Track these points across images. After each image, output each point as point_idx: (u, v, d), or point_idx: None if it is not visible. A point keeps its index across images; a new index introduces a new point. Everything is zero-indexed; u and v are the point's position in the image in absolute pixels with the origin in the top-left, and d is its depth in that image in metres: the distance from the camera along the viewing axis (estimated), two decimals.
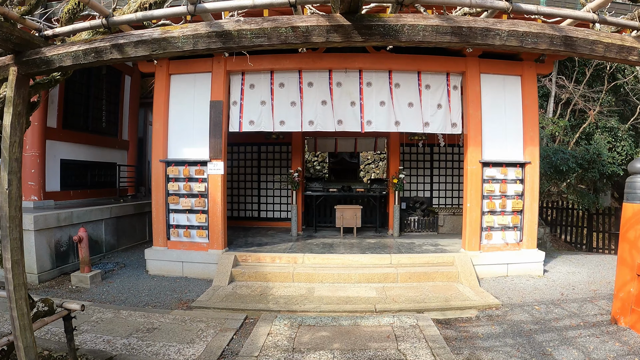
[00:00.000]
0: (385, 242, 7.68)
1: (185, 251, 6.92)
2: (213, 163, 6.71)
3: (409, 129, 6.70)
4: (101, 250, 8.19)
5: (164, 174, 6.99)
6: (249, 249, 7.09)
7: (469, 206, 6.63)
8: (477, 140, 6.67)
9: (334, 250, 7.00)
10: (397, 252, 6.80)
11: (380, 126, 6.64)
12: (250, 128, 6.78)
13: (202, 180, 6.83)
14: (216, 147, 6.66)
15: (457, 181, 9.85)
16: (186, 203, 6.88)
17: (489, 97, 6.87)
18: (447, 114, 6.83)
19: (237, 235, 8.55)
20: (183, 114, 7.01)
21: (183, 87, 7.05)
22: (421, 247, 7.27)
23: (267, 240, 7.95)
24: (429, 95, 6.80)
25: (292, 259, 6.39)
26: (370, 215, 9.60)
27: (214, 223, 6.75)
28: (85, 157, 9.65)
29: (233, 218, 10.06)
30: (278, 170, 9.83)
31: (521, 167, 6.90)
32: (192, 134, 6.97)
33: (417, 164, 9.86)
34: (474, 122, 6.69)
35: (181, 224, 7.01)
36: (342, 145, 9.88)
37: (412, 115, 6.72)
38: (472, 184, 6.64)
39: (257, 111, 6.76)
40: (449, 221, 8.78)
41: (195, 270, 6.78)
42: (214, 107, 6.73)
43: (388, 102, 6.70)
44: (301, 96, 6.64)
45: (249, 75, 6.93)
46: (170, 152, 7.07)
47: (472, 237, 6.68)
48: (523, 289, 6.25)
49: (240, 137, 9.89)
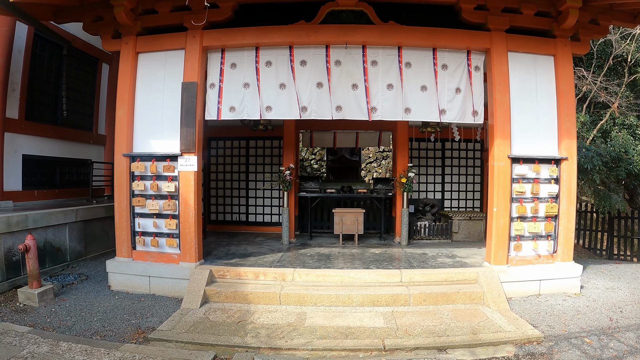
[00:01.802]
0: (392, 253, 6.44)
1: (152, 264, 5.71)
2: (185, 158, 5.47)
3: (422, 118, 5.47)
4: (64, 259, 6.99)
5: (127, 171, 5.81)
6: (229, 261, 5.85)
7: (496, 211, 5.40)
8: (505, 132, 5.45)
9: (331, 263, 5.75)
10: (407, 267, 5.56)
11: (387, 114, 5.41)
12: (231, 115, 5.55)
13: (172, 178, 5.61)
14: (188, 138, 5.43)
15: (473, 181, 8.63)
16: (153, 206, 5.65)
17: (517, 80, 5.68)
18: (467, 100, 5.61)
19: (220, 242, 7.31)
20: (152, 100, 5.82)
21: (152, 67, 5.86)
22: (435, 259, 6.02)
23: (253, 249, 6.71)
24: (446, 77, 5.58)
25: (279, 275, 5.15)
26: (373, 220, 8.37)
27: (185, 230, 5.51)
28: (53, 153, 8.42)
29: (218, 222, 8.84)
30: (269, 168, 8.60)
31: (556, 164, 5.70)
32: (161, 124, 5.78)
33: (427, 162, 8.64)
34: (502, 110, 5.47)
35: (148, 231, 5.80)
36: (342, 140, 8.64)
37: (425, 101, 5.50)
38: (499, 184, 5.41)
39: (239, 95, 5.54)
40: (464, 227, 7.54)
41: (164, 287, 5.59)
42: (187, 91, 5.51)
43: (397, 85, 5.48)
44: (293, 77, 5.41)
45: (230, 53, 5.71)
46: (136, 145, 5.87)
47: (499, 249, 5.46)
48: (562, 313, 5.04)
49: (225, 131, 8.69)
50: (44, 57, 7.86)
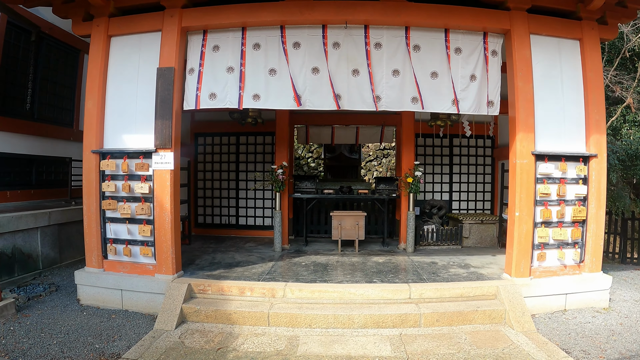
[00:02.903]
0: (397, 262, 5.70)
1: (125, 275, 4.98)
2: (160, 154, 4.72)
3: (432, 108, 4.75)
4: (36, 266, 6.27)
5: (97, 170, 5.07)
6: (212, 272, 5.11)
7: (518, 216, 4.68)
8: (528, 124, 4.74)
9: (329, 275, 5.01)
10: (416, 279, 4.82)
11: (392, 104, 4.68)
12: (211, 104, 4.81)
13: (146, 178, 4.87)
14: (164, 132, 4.68)
15: (483, 181, 7.90)
16: (125, 209, 4.91)
17: (541, 66, 4.98)
18: (482, 89, 4.90)
19: (205, 249, 6.56)
20: (125, 89, 5.12)
21: (126, 52, 5.14)
22: (447, 269, 5.29)
23: (241, 257, 5.96)
24: (460, 63, 4.86)
25: (268, 291, 4.41)
26: (375, 223, 7.63)
27: (161, 238, 4.78)
28: (27, 150, 7.63)
29: (205, 226, 8.09)
30: (261, 166, 7.85)
31: (584, 162, 5.01)
32: (134, 116, 5.07)
33: (434, 160, 7.89)
34: (524, 100, 4.76)
35: (120, 238, 5.08)
36: (341, 136, 7.90)
37: (436, 89, 4.78)
38: (521, 184, 4.68)
39: (222, 81, 4.80)
40: (475, 232, 6.81)
41: (138, 302, 4.88)
42: (163, 77, 4.76)
43: (404, 70, 4.75)
44: (286, 60, 4.69)
45: (213, 35, 4.97)
46: (107, 140, 5.15)
47: (521, 259, 4.74)
48: (595, 334, 4.36)
49: (213, 125, 7.94)
50: (18, 46, 7.07)
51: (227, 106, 4.87)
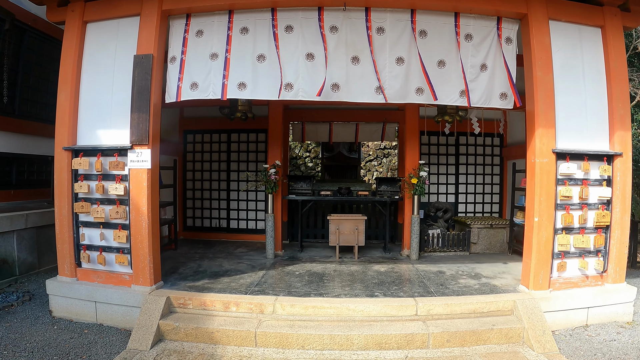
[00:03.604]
0: (400, 271, 5.19)
1: (100, 286, 4.50)
2: (136, 152, 4.21)
3: (438, 100, 4.28)
4: (12, 272, 5.83)
5: (69, 169, 4.55)
6: (195, 283, 4.59)
7: (537, 221, 4.18)
8: (548, 119, 4.24)
9: (325, 287, 4.50)
10: (423, 292, 4.31)
11: (396, 95, 4.19)
12: (193, 94, 4.30)
13: (122, 178, 4.36)
14: (140, 126, 4.18)
15: (491, 182, 7.39)
16: (99, 213, 4.41)
17: (561, 55, 4.50)
18: (494, 79, 4.43)
19: (192, 255, 6.05)
20: (101, 80, 4.64)
21: (102, 40, 4.67)
22: (456, 279, 4.78)
23: (230, 265, 5.44)
24: (470, 50, 4.39)
25: (256, 306, 3.90)
26: (375, 227, 7.12)
27: (137, 244, 4.27)
28: (7, 149, 7.08)
29: (194, 229, 7.57)
30: (254, 166, 7.32)
31: (608, 162, 4.53)
32: (110, 109, 4.54)
33: (439, 159, 7.38)
34: (544, 91, 4.27)
35: (94, 244, 4.59)
36: (339, 133, 7.37)
37: (443, 79, 4.29)
38: (541, 186, 4.19)
39: (205, 69, 4.30)
40: (484, 237, 6.30)
41: (113, 316, 4.39)
42: (140, 66, 4.26)
43: (409, 58, 4.25)
44: (276, 46, 4.17)
45: (197, 19, 4.47)
46: (80, 136, 4.66)
47: (540, 269, 4.25)
48: (623, 354, 3.93)
49: (203, 122, 7.44)
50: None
51: (210, 97, 4.36)
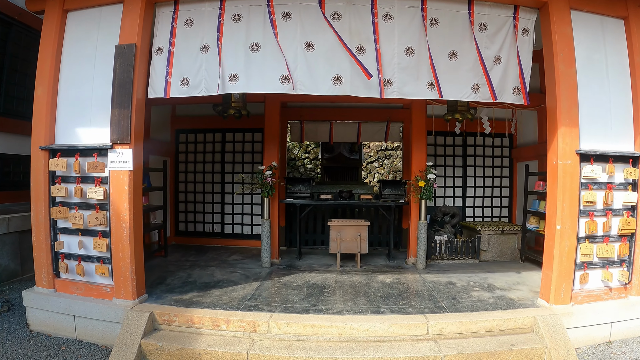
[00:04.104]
0: (407, 282, 4.80)
1: (79, 298, 4.15)
2: (116, 151, 3.83)
3: (450, 95, 3.91)
4: None
5: (45, 170, 4.17)
6: (183, 296, 4.20)
7: (560, 229, 3.81)
8: (571, 117, 3.88)
9: (325, 301, 4.11)
10: (433, 307, 3.93)
11: (405, 89, 3.81)
12: (184, 91, 3.92)
13: (102, 180, 3.99)
14: (121, 123, 3.79)
15: (500, 185, 7.01)
16: (77, 219, 4.03)
17: (583, 48, 4.15)
18: (508, 73, 4.10)
19: (182, 263, 5.65)
20: (81, 73, 4.29)
21: (83, 29, 4.32)
22: (468, 292, 4.39)
23: (222, 274, 5.05)
24: (484, 41, 4.03)
25: (249, 324, 3.51)
26: (379, 233, 6.74)
27: (119, 254, 3.89)
28: None
29: (187, 234, 7.18)
30: (250, 167, 6.93)
31: (634, 164, 4.16)
32: (90, 104, 4.19)
33: (445, 161, 7.00)
34: (567, 87, 3.91)
35: (73, 253, 4.22)
36: (340, 133, 6.98)
37: (454, 72, 3.95)
38: (564, 190, 3.82)
39: (196, 63, 3.92)
40: (495, 244, 5.92)
41: (93, 332, 4.01)
42: (122, 57, 3.88)
43: (419, 49, 3.88)
44: (275, 34, 3.79)
45: (185, 6, 4.10)
46: (59, 134, 4.31)
47: (561, 282, 3.87)
48: None
49: (196, 121, 7.05)
50: None
51: (203, 93, 3.98)
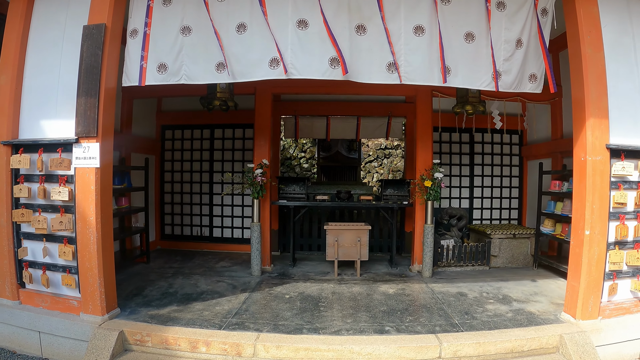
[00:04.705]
0: (413, 293, 4.34)
1: (44, 312, 3.76)
2: (82, 146, 3.38)
3: (467, 83, 3.48)
4: None
5: (7, 168, 3.74)
6: (159, 310, 3.73)
7: (589, 234, 3.38)
8: (600, 107, 3.47)
9: (321, 317, 3.65)
10: (445, 325, 3.48)
11: (415, 74, 3.37)
12: (161, 78, 3.48)
13: (67, 179, 3.54)
14: (87, 114, 3.34)
15: (509, 184, 6.58)
16: (40, 223, 3.58)
17: (609, 31, 3.79)
18: (528, 59, 3.72)
19: (165, 270, 5.18)
20: (48, 59, 3.90)
21: (51, 11, 3.96)
22: (482, 305, 3.94)
23: (207, 285, 4.57)
24: (503, 22, 3.61)
25: (232, 347, 3.06)
26: (379, 236, 6.29)
27: (85, 264, 3.44)
28: None
29: (174, 238, 6.72)
30: (240, 166, 6.46)
31: None
32: (56, 93, 3.72)
33: (451, 159, 6.55)
34: (595, 73, 3.50)
35: (38, 261, 3.77)
36: (338, 129, 6.53)
37: (472, 57, 3.52)
38: (594, 190, 3.40)
39: (175, 46, 3.47)
40: (506, 249, 5.49)
41: (60, 349, 3.55)
42: (90, 38, 3.43)
43: (430, 29, 3.45)
44: (264, 12, 3.33)
45: None
46: (23, 128, 3.91)
47: (589, 294, 3.45)
48: None
49: (183, 116, 6.61)
50: None
51: (183, 81, 3.53)
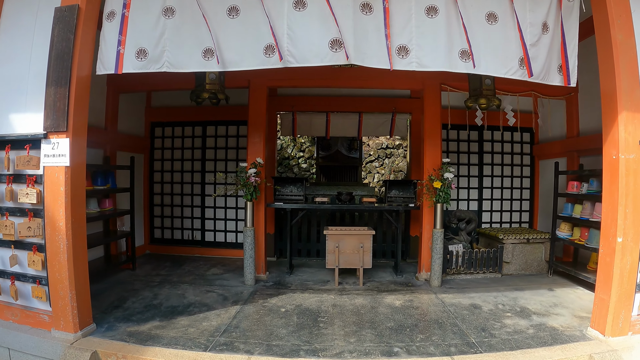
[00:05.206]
0: (422, 306, 3.99)
1: (14, 327, 3.52)
2: (51, 142, 3.03)
3: (490, 69, 3.12)
4: None
5: None
6: (140, 326, 3.37)
7: (621, 242, 3.05)
8: (634, 99, 3.17)
9: (321, 335, 3.30)
10: (462, 346, 3.13)
11: (428, 59, 3.03)
12: (140, 65, 3.13)
13: (35, 179, 3.17)
14: (57, 105, 2.99)
15: (520, 186, 6.24)
16: (7, 228, 3.24)
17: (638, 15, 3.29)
18: (554, 45, 3.34)
19: (152, 279, 4.82)
20: (19, 47, 3.50)
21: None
22: (499, 319, 3.59)
23: (194, 295, 4.21)
24: (528, 3, 3.20)
25: None
26: (382, 241, 5.94)
27: (55, 274, 3.10)
28: None
29: (164, 242, 6.37)
30: (234, 166, 6.08)
31: None
32: (26, 83, 3.34)
33: (459, 159, 6.19)
34: (627, 61, 3.20)
35: (7, 271, 3.47)
36: (338, 126, 6.17)
37: (495, 40, 3.16)
38: (627, 192, 3.08)
39: (156, 29, 3.12)
40: (519, 254, 5.15)
41: None
42: (62, 21, 3.10)
43: (445, 7, 3.06)
44: None
45: None
46: None
47: (620, 308, 3.13)
48: None
49: (174, 113, 6.27)
50: None
51: (165, 69, 3.18)
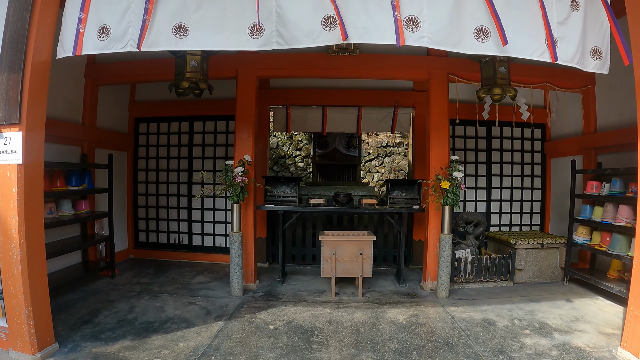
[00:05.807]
0: (429, 322, 3.61)
1: None
2: (3, 136, 2.66)
3: (517, 50, 2.77)
4: None
5: None
6: (108, 346, 3.00)
7: None
8: None
9: None
10: None
11: (440, 35, 2.67)
12: (102, 45, 2.75)
13: None
14: (10, 94, 2.62)
15: (530, 186, 5.87)
16: None
17: None
18: (586, 26, 2.95)
19: (130, 287, 4.44)
20: None
21: None
22: (517, 337, 3.23)
23: (174, 308, 3.83)
24: None
25: None
26: (383, 246, 5.55)
27: (9, 288, 2.74)
28: None
29: (148, 246, 6.01)
30: (223, 164, 5.67)
31: None
32: None
33: (466, 157, 5.81)
34: None
35: None
36: (336, 121, 5.77)
37: (517, 16, 2.76)
38: None
39: (121, 4, 2.72)
40: (532, 261, 4.79)
41: None
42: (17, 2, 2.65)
43: None
44: None
45: None
46: None
47: None
48: None
49: (159, 107, 5.86)
50: None
51: (129, 49, 2.76)
